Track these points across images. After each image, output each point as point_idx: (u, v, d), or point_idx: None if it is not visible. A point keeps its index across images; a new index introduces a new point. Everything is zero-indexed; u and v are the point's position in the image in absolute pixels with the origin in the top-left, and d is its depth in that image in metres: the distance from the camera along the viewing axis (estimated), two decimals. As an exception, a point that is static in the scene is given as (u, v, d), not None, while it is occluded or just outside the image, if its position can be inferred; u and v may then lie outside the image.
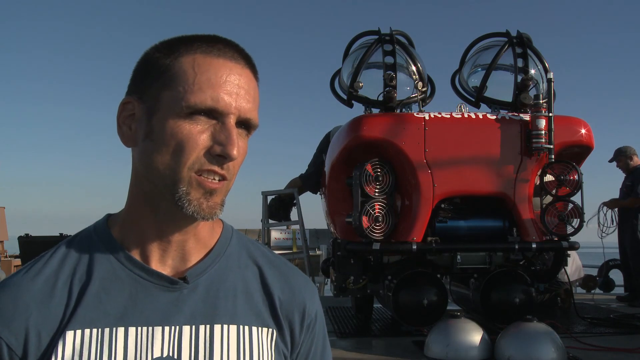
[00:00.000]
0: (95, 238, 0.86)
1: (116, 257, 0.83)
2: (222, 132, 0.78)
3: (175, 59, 0.79)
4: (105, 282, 0.82)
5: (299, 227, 5.85)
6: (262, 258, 0.93)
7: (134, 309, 0.81)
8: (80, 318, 0.79)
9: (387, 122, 4.43)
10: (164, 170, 0.78)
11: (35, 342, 0.77)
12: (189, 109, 0.77)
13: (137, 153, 0.83)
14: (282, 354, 0.88)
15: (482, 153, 4.37)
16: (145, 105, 0.80)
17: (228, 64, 0.80)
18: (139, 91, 0.82)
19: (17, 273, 0.83)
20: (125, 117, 0.83)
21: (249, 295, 0.88)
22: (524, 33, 5.05)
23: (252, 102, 0.81)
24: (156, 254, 0.84)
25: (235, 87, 0.79)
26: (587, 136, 4.57)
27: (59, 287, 0.81)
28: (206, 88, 0.77)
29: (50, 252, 0.85)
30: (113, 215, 0.90)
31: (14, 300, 0.79)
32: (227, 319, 0.84)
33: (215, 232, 0.91)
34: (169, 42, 0.82)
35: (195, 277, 0.85)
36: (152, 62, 0.81)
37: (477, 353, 3.52)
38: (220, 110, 0.77)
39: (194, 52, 0.80)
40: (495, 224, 4.49)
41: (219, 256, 0.88)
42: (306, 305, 0.91)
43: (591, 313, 5.31)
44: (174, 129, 0.77)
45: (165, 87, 0.78)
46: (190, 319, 0.82)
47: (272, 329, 0.87)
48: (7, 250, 11.15)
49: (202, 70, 0.78)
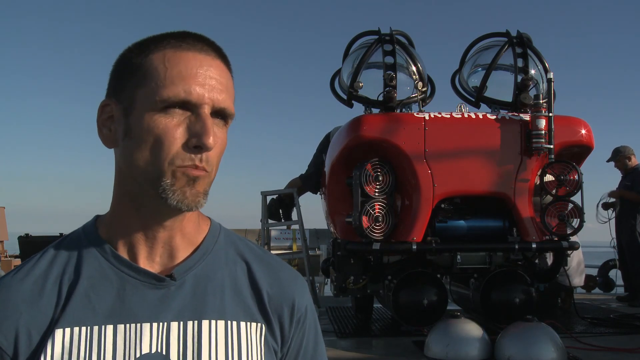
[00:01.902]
0: (83, 238, 0.87)
1: (104, 256, 0.84)
2: (197, 123, 0.79)
3: (146, 57, 0.81)
4: (93, 281, 0.82)
5: (299, 227, 5.85)
6: (250, 254, 0.93)
7: (122, 307, 0.81)
8: (69, 317, 0.80)
9: (387, 122, 4.44)
10: (146, 166, 0.79)
11: (25, 342, 0.78)
12: (163, 103, 0.78)
13: (118, 153, 0.84)
14: (271, 349, 0.88)
15: (482, 153, 4.37)
16: (122, 105, 0.82)
17: (198, 57, 0.81)
18: (116, 92, 0.83)
19: (7, 275, 0.85)
20: (104, 119, 0.84)
21: (237, 291, 0.88)
22: (524, 33, 5.05)
23: (225, 91, 0.82)
24: (143, 252, 0.85)
25: (207, 78, 0.80)
26: (587, 136, 4.57)
27: (48, 287, 0.82)
28: (178, 81, 0.78)
29: (40, 254, 0.86)
30: (101, 216, 0.91)
31: (4, 302, 0.80)
32: (215, 315, 0.84)
33: (202, 229, 0.92)
34: (140, 42, 0.84)
35: (183, 274, 0.85)
36: (125, 63, 0.83)
37: (477, 353, 3.52)
38: (194, 102, 0.78)
39: (163, 48, 0.81)
40: (495, 224, 4.49)
41: (207, 253, 0.89)
42: (295, 299, 0.92)
43: (591, 313, 5.31)
44: (150, 124, 0.78)
45: (139, 86, 0.80)
46: (178, 315, 0.83)
47: (260, 323, 0.87)
48: (7, 250, 11.15)
49: (172, 65, 0.79)
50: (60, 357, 0.77)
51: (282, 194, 5.96)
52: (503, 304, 4.31)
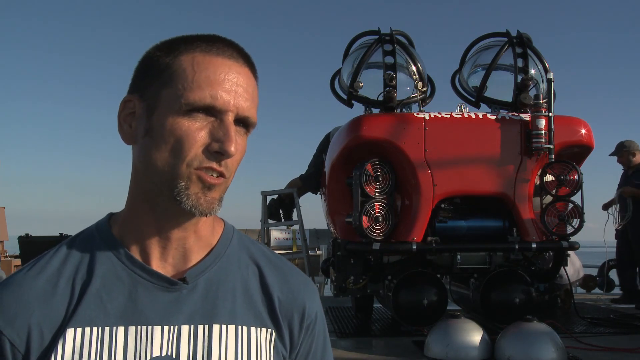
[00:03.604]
0: (96, 237, 0.86)
1: (117, 256, 0.84)
2: (220, 129, 0.78)
3: (174, 58, 0.80)
4: (106, 280, 0.82)
5: (299, 227, 5.85)
6: (263, 258, 0.93)
7: (134, 309, 0.81)
8: (81, 316, 0.79)
9: (387, 122, 4.44)
10: (163, 166, 0.79)
11: (37, 340, 0.78)
12: (187, 106, 0.77)
13: (136, 151, 0.84)
14: (280, 355, 0.88)
15: (482, 153, 4.37)
16: (146, 103, 0.81)
17: (227, 63, 0.81)
18: (140, 89, 0.83)
19: (20, 271, 0.84)
20: (126, 115, 0.84)
21: (248, 296, 0.88)
22: (524, 33, 5.05)
23: (251, 100, 0.82)
24: (156, 252, 0.85)
25: (233, 85, 0.79)
26: (587, 136, 4.57)
27: (61, 285, 0.81)
28: (205, 86, 0.78)
29: (53, 251, 0.86)
30: (115, 214, 0.90)
31: (17, 298, 0.79)
32: (226, 319, 0.84)
33: (217, 231, 0.91)
34: (169, 42, 0.83)
35: (195, 277, 0.85)
36: (153, 61, 0.82)
37: (477, 353, 3.51)
38: (219, 108, 0.78)
39: (193, 51, 0.80)
40: (495, 224, 4.49)
41: (220, 256, 0.89)
42: (306, 305, 0.91)
43: (591, 313, 5.31)
44: (173, 126, 0.78)
45: (165, 85, 0.79)
46: (189, 318, 0.82)
47: (270, 329, 0.87)
48: (7, 250, 11.14)
49: (201, 69, 0.79)
50: (71, 357, 0.77)
51: (282, 194, 5.96)
52: (503, 304, 4.31)
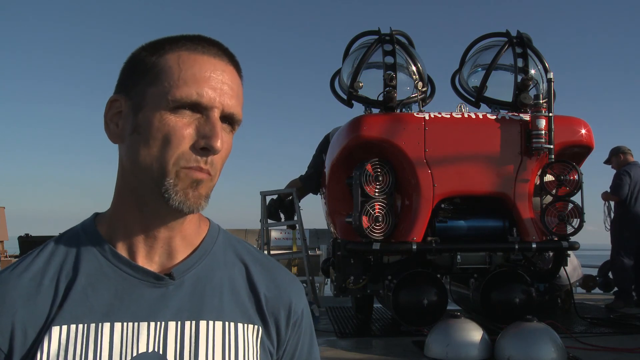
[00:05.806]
0: (82, 235, 0.87)
1: (102, 254, 0.84)
2: (207, 125, 0.79)
3: (160, 57, 0.82)
4: (91, 278, 0.82)
5: (299, 227, 5.85)
6: (248, 256, 0.94)
7: (120, 305, 0.81)
8: (66, 314, 0.79)
9: (387, 122, 4.44)
10: (151, 163, 0.79)
11: (21, 338, 0.78)
12: (174, 103, 0.79)
13: (123, 149, 0.84)
14: (267, 351, 0.88)
15: (482, 153, 4.38)
16: (132, 102, 0.82)
17: (212, 61, 0.82)
18: (126, 89, 0.84)
19: (4, 270, 0.84)
20: (112, 114, 0.85)
21: (235, 293, 0.88)
22: (524, 33, 5.06)
23: (236, 97, 0.83)
24: (142, 251, 0.85)
25: (219, 82, 0.81)
26: (587, 136, 4.58)
27: (45, 283, 0.82)
28: (191, 83, 0.79)
29: (38, 250, 0.86)
30: (101, 213, 0.91)
31: (1, 297, 0.80)
32: (213, 315, 0.85)
33: (202, 230, 0.92)
34: (154, 42, 0.85)
35: (181, 274, 0.85)
36: (139, 61, 0.83)
37: (477, 353, 3.52)
38: (205, 104, 0.79)
39: (178, 50, 0.82)
40: (495, 224, 4.49)
41: (205, 254, 0.89)
42: (292, 302, 0.92)
43: (591, 313, 5.31)
44: (161, 122, 0.79)
45: (151, 84, 0.81)
46: (176, 314, 0.83)
47: (257, 325, 0.88)
48: (7, 250, 11.15)
49: (187, 67, 0.80)
50: (57, 354, 0.77)
51: (281, 194, 5.96)
52: (503, 304, 4.31)
